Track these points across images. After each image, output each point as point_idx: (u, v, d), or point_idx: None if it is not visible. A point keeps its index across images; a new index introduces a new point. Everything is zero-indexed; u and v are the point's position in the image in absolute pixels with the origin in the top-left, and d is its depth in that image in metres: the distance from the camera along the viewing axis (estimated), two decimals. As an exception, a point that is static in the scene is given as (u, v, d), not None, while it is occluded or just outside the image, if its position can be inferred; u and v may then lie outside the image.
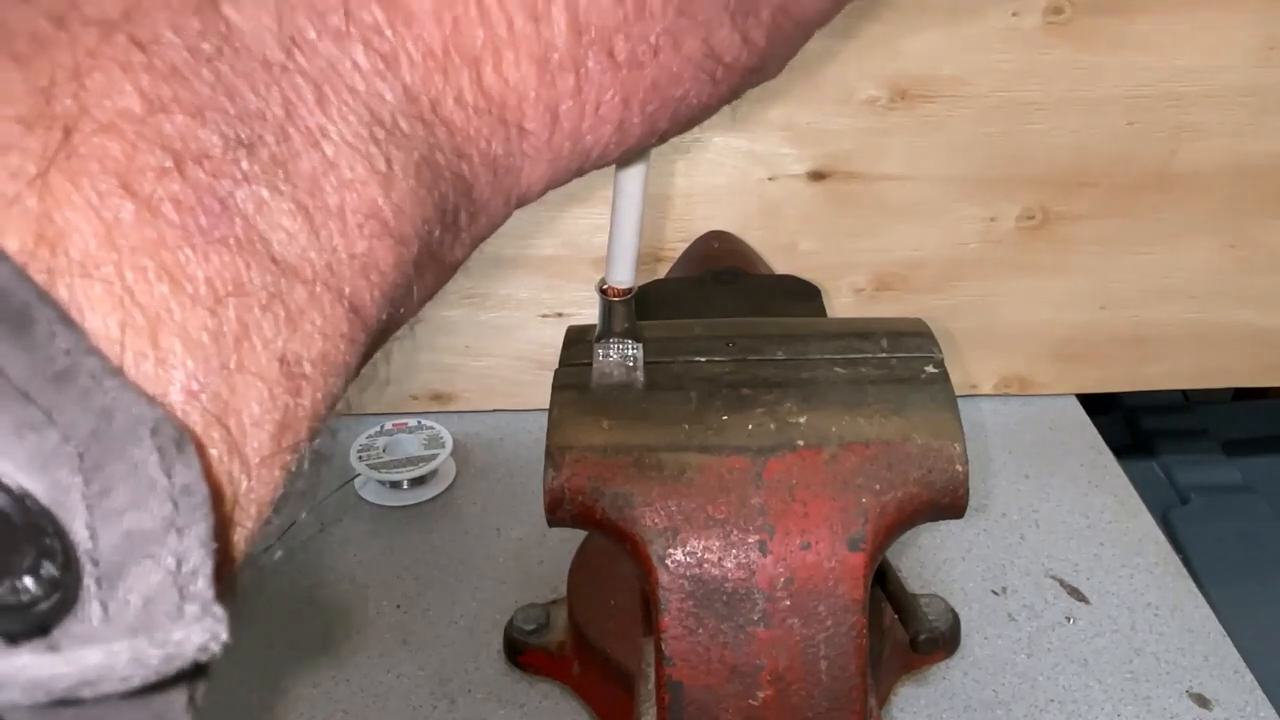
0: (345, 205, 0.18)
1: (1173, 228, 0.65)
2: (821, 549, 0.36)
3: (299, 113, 0.17)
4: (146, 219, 0.15)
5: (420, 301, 0.22)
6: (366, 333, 0.19)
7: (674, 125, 0.24)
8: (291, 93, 0.17)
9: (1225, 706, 0.50)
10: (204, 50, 0.16)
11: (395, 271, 0.19)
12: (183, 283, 0.16)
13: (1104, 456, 0.66)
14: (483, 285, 0.66)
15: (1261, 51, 0.60)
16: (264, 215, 0.17)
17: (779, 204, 0.64)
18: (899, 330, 0.42)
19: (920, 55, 0.60)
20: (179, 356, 0.16)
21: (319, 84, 0.17)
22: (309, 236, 0.17)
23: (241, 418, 0.17)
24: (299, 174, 0.17)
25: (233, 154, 0.16)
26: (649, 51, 0.21)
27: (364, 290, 0.18)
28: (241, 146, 0.16)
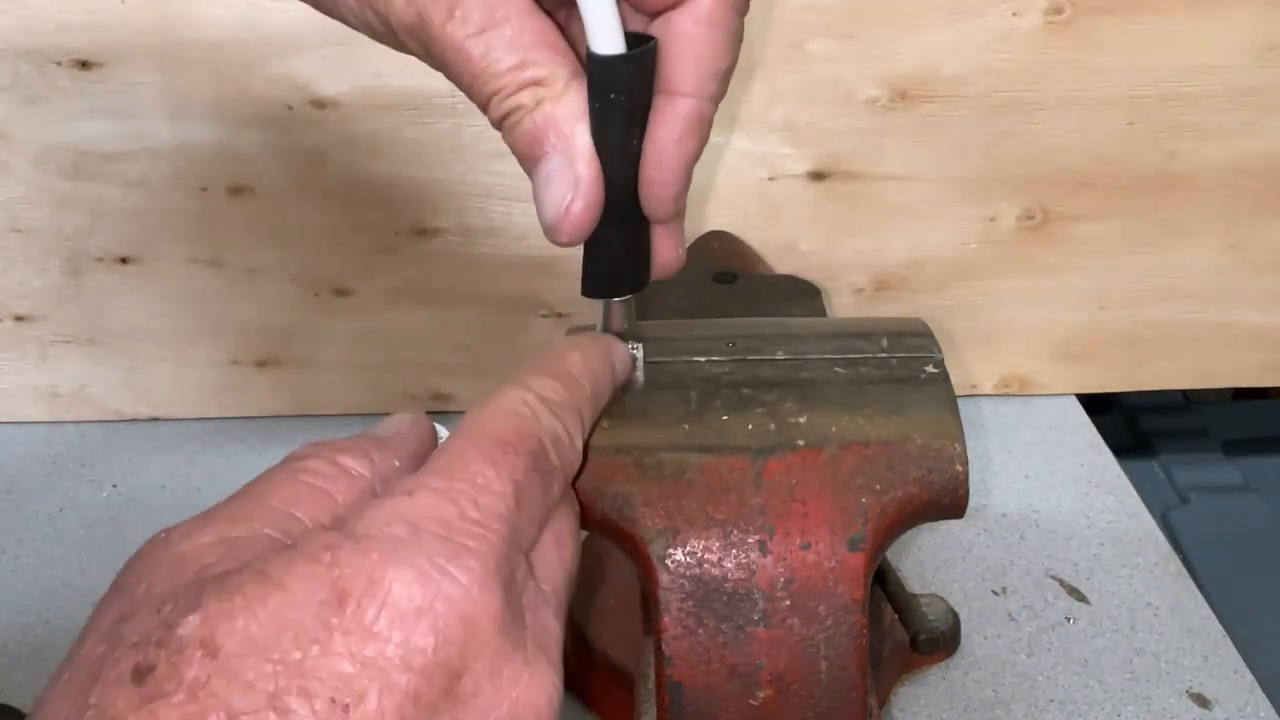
0: None
1: (1173, 228, 0.65)
2: (821, 549, 0.36)
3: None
4: None
5: None
6: None
7: None
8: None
9: (1225, 706, 0.50)
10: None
11: None
12: None
13: (1104, 456, 0.66)
14: (483, 285, 0.66)
15: (1261, 51, 0.60)
16: None
17: (779, 204, 0.64)
18: (899, 330, 0.42)
19: (920, 55, 0.60)
20: None
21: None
22: None
23: None
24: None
25: None
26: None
27: None
28: None
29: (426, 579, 0.24)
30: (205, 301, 0.66)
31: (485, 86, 0.29)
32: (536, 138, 0.30)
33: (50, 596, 0.57)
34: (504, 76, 0.29)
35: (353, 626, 0.23)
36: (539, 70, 0.29)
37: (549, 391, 0.31)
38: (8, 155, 0.62)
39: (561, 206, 0.30)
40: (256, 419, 0.70)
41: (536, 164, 0.30)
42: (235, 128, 0.61)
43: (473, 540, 0.25)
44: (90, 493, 0.64)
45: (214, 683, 0.21)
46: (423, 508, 0.25)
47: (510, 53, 0.29)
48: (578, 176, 0.30)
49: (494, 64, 0.29)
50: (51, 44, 0.59)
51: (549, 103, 0.29)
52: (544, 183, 0.30)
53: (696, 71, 0.30)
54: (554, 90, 0.29)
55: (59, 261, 0.65)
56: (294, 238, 0.64)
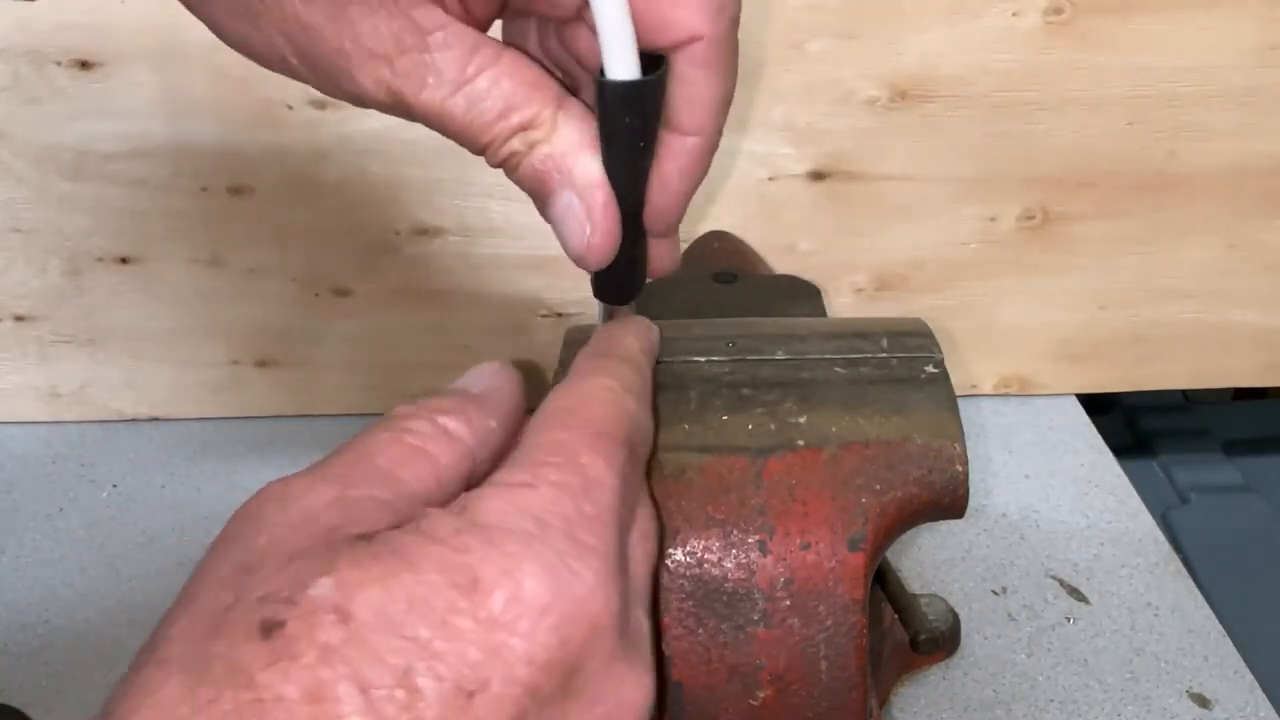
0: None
1: (1173, 228, 0.65)
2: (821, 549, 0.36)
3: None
4: None
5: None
6: None
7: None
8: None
9: (1225, 706, 0.50)
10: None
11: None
12: None
13: (1104, 456, 0.66)
14: (483, 285, 0.66)
15: (1261, 51, 0.60)
16: None
17: (779, 204, 0.64)
18: (899, 330, 0.42)
19: (920, 55, 0.60)
20: None
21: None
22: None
23: None
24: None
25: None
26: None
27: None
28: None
29: (555, 575, 0.24)
30: (205, 301, 0.66)
31: (477, 140, 0.29)
32: (540, 178, 0.30)
33: (50, 596, 0.57)
34: (492, 129, 0.29)
35: (482, 614, 0.23)
36: (524, 114, 0.29)
37: (628, 377, 0.31)
38: (8, 155, 0.62)
39: (584, 240, 0.31)
40: (256, 419, 0.70)
41: (548, 201, 0.31)
42: (235, 128, 0.61)
43: (593, 538, 0.26)
44: (90, 493, 0.64)
45: (347, 651, 0.22)
46: (546, 502, 0.26)
47: (490, 104, 0.29)
48: (589, 207, 0.30)
49: (478, 118, 0.29)
50: (51, 44, 0.59)
51: (542, 144, 0.30)
52: (560, 219, 0.31)
53: (699, 111, 0.31)
54: (544, 130, 0.30)
55: (59, 261, 0.65)
56: (294, 238, 0.64)
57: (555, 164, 0.30)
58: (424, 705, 0.22)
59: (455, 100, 0.29)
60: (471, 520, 0.25)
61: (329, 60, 0.28)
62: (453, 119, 0.29)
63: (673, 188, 0.32)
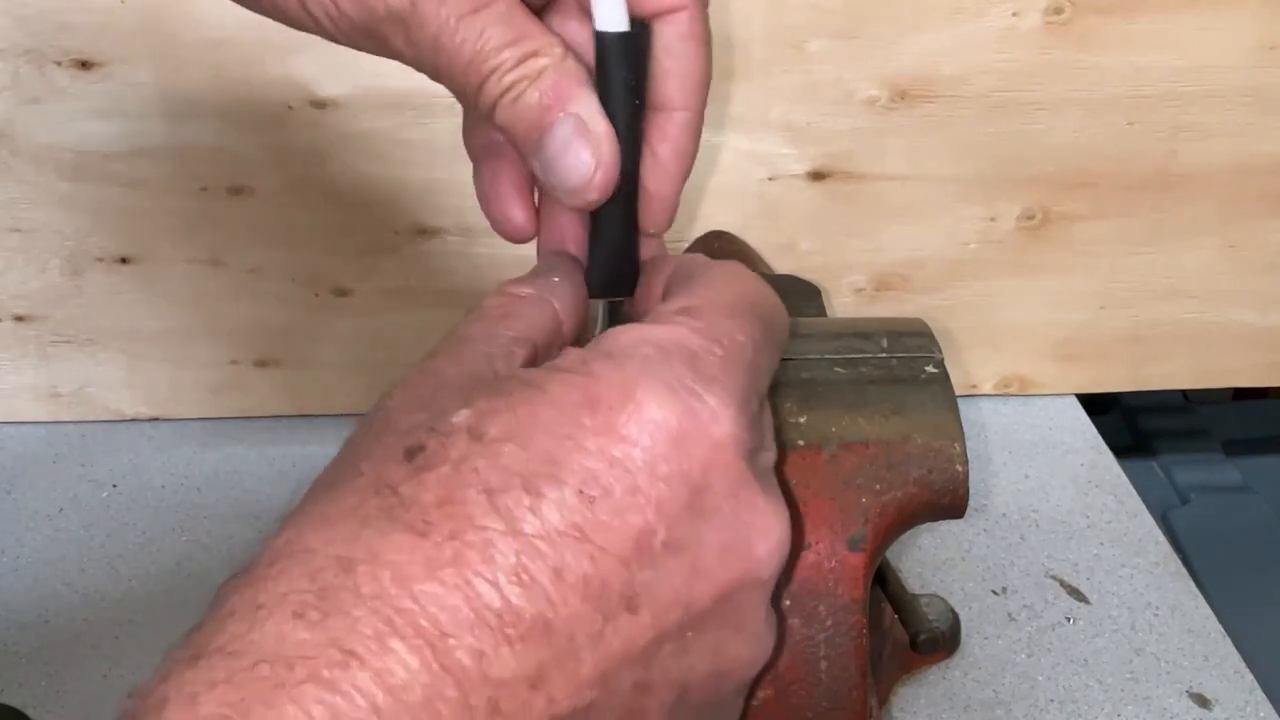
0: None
1: (1173, 228, 0.65)
2: (821, 549, 0.36)
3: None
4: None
5: None
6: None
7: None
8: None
9: (1225, 706, 0.50)
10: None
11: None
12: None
13: (1104, 456, 0.66)
14: (483, 285, 0.66)
15: (1261, 51, 0.60)
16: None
17: (779, 204, 0.64)
18: (899, 330, 0.42)
19: (920, 55, 0.60)
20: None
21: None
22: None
23: None
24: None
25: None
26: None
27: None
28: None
29: (675, 395, 0.25)
30: (205, 301, 0.66)
31: (480, 66, 0.29)
32: (545, 106, 0.30)
33: (50, 596, 0.57)
34: (501, 53, 0.29)
35: (603, 428, 0.24)
36: (536, 42, 0.29)
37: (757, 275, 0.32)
38: (8, 155, 0.62)
39: (588, 169, 0.30)
40: (256, 419, 0.70)
41: (546, 132, 0.30)
42: (235, 128, 0.61)
43: (719, 372, 0.26)
44: (90, 493, 0.64)
45: (476, 460, 0.24)
46: (672, 335, 0.26)
47: (506, 28, 0.29)
48: (598, 135, 0.30)
49: (489, 41, 0.29)
50: (51, 44, 0.59)
51: (552, 71, 0.30)
52: (562, 148, 0.30)
53: (685, 85, 0.31)
54: (554, 56, 0.30)
55: (59, 261, 0.65)
56: (294, 238, 0.64)
57: (563, 90, 0.30)
58: (546, 507, 0.23)
59: (472, 20, 0.29)
60: (599, 350, 0.26)
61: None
62: (465, 38, 0.29)
63: (669, 169, 0.32)
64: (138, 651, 0.53)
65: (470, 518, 0.23)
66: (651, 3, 0.30)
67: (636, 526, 0.24)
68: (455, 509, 0.23)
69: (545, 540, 0.23)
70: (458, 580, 0.22)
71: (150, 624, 0.55)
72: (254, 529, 0.61)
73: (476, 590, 0.22)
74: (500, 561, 0.23)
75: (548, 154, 0.30)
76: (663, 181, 0.32)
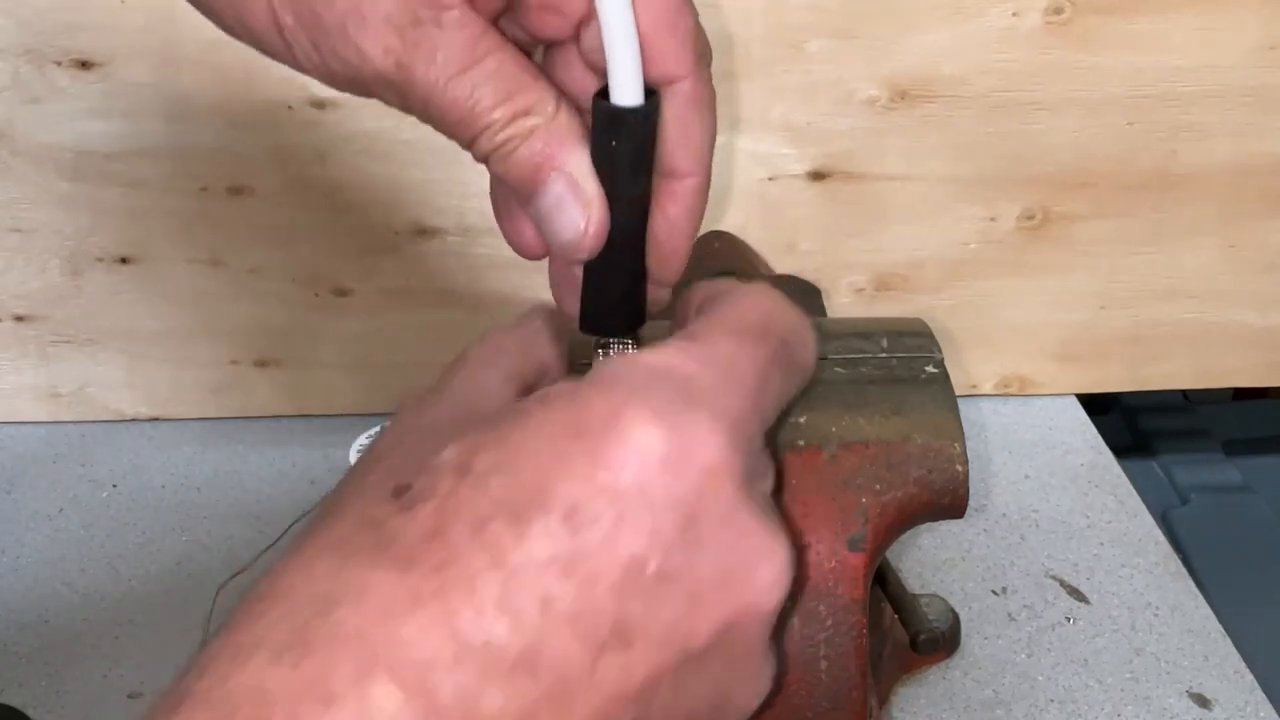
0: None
1: (1173, 228, 0.65)
2: (821, 549, 0.36)
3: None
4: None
5: None
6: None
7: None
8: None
9: (1225, 706, 0.50)
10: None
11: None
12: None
13: (1104, 456, 0.66)
14: (483, 285, 0.66)
15: (1261, 51, 0.60)
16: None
17: (779, 204, 0.64)
18: (899, 330, 0.42)
19: (920, 55, 0.60)
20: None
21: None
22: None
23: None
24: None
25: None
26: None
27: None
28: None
29: (663, 420, 0.24)
30: (205, 301, 0.66)
31: (473, 124, 0.29)
32: (536, 164, 0.30)
33: (50, 596, 0.57)
34: (493, 111, 0.29)
35: (589, 454, 0.23)
36: (527, 98, 0.29)
37: (785, 299, 0.31)
38: (8, 155, 0.62)
39: (581, 224, 0.30)
40: (256, 419, 0.70)
41: (539, 189, 0.30)
42: (235, 128, 0.61)
43: (711, 396, 0.25)
44: (90, 493, 0.64)
45: (463, 494, 0.23)
46: (664, 360, 0.26)
47: (496, 86, 0.29)
48: (588, 196, 0.30)
49: (480, 101, 0.29)
50: (51, 44, 0.59)
51: (543, 128, 0.29)
52: (555, 206, 0.30)
53: (690, 152, 0.31)
54: (545, 115, 0.29)
55: (59, 261, 0.65)
56: (294, 238, 0.64)
57: (554, 150, 0.30)
58: (531, 536, 0.23)
59: (461, 80, 0.28)
60: (590, 377, 0.26)
61: (336, 21, 0.28)
62: (455, 99, 0.29)
63: (679, 231, 0.32)
64: (138, 651, 0.53)
65: (456, 550, 0.22)
66: (658, 69, 0.30)
67: (626, 555, 0.23)
68: (440, 543, 0.22)
69: (531, 571, 0.22)
70: (442, 614, 0.22)
71: (150, 624, 0.55)
72: (254, 529, 0.61)
73: (461, 624, 0.22)
74: (485, 593, 0.22)
75: (540, 210, 0.31)
76: (673, 238, 0.32)
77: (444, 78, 0.28)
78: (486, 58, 0.29)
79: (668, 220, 0.32)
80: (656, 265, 0.33)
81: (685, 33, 0.29)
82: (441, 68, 0.28)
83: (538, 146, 0.30)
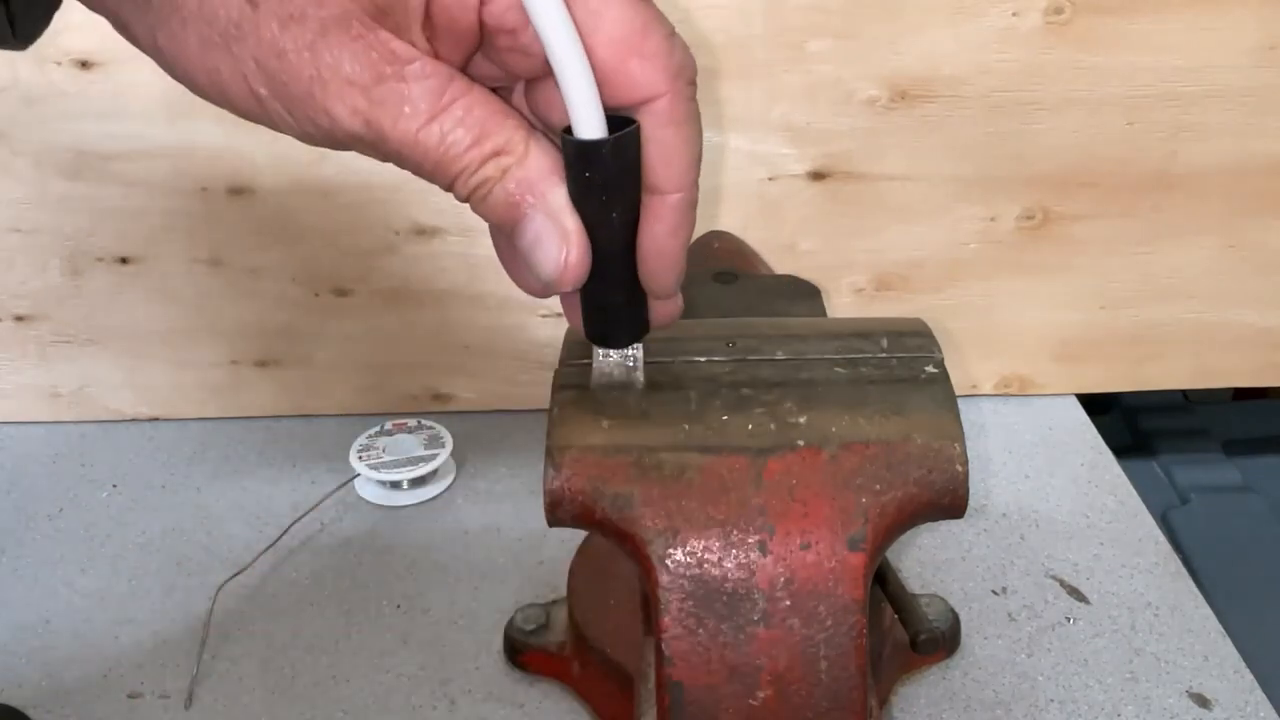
0: None
1: (1173, 228, 0.65)
2: (821, 549, 0.36)
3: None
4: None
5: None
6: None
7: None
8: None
9: (1225, 706, 0.50)
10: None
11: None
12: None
13: (1104, 456, 0.66)
14: (483, 285, 0.66)
15: (1261, 51, 0.60)
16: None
17: (779, 204, 0.64)
18: (899, 330, 0.42)
19: (920, 55, 0.60)
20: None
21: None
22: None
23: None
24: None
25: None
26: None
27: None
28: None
29: None
30: (205, 301, 0.66)
31: (449, 169, 0.30)
32: (512, 203, 0.30)
33: (50, 596, 0.57)
34: (464, 157, 0.29)
35: None
36: (497, 140, 0.30)
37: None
38: (8, 155, 0.62)
39: (560, 260, 0.31)
40: (256, 419, 0.70)
41: (518, 227, 0.31)
42: (235, 128, 0.61)
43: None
44: (90, 493, 0.64)
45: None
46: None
47: (465, 131, 0.29)
48: (565, 230, 0.31)
49: (452, 147, 0.29)
50: (51, 44, 0.59)
51: (516, 168, 0.30)
52: (534, 243, 0.31)
53: (674, 170, 0.31)
54: (516, 155, 0.30)
55: (59, 261, 0.65)
56: (294, 238, 0.64)
57: (528, 188, 0.30)
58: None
59: (430, 129, 0.29)
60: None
61: (303, 88, 0.29)
62: (427, 149, 0.29)
63: (666, 248, 0.33)
64: (137, 651, 0.53)
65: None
66: (627, 93, 0.30)
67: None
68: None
69: None
70: None
71: (150, 624, 0.55)
72: (254, 529, 0.61)
73: None
74: None
75: (522, 245, 0.31)
76: (662, 255, 0.33)
77: (413, 128, 0.29)
78: (453, 104, 0.29)
79: (654, 238, 0.32)
80: (649, 279, 0.33)
81: (654, 51, 0.30)
82: (409, 119, 0.29)
83: (511, 186, 0.30)
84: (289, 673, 0.52)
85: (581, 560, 0.53)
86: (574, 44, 0.29)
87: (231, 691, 0.51)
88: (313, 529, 0.60)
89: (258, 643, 0.54)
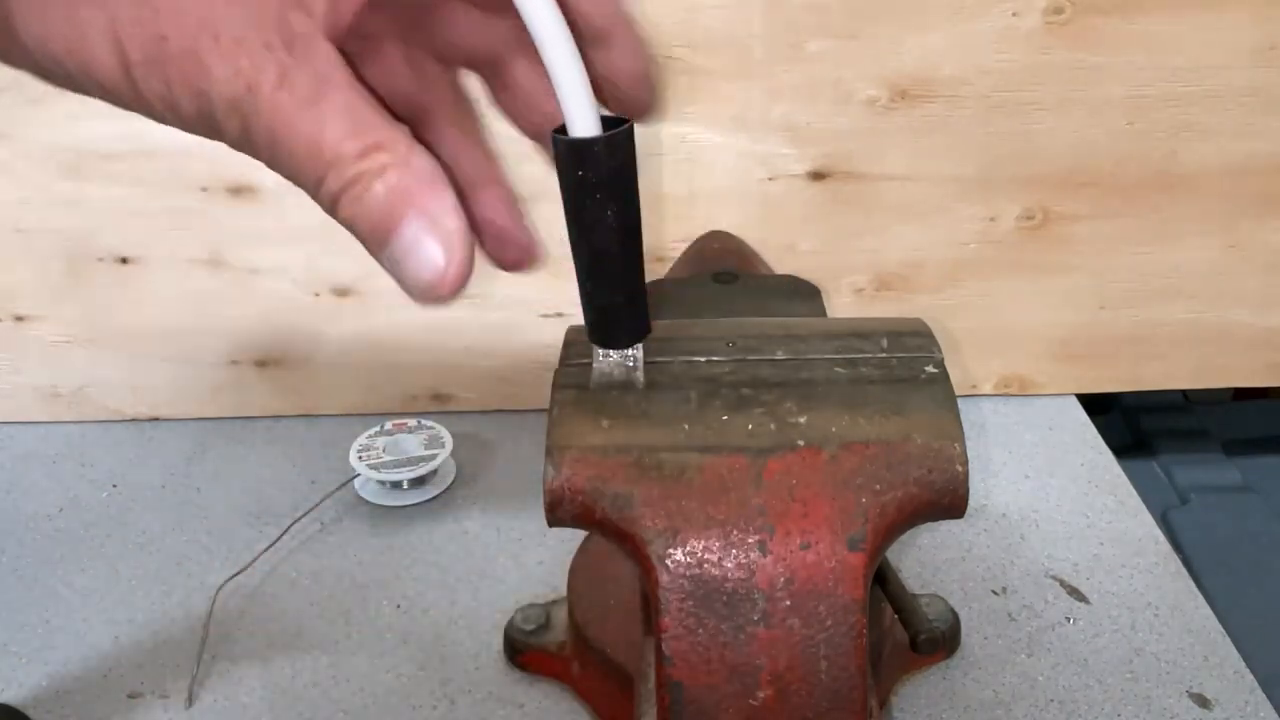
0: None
1: (1173, 228, 0.65)
2: (821, 549, 0.36)
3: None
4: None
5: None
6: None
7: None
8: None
9: (1225, 706, 0.50)
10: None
11: None
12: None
13: (1104, 456, 0.66)
14: (483, 285, 0.66)
15: (1261, 51, 0.60)
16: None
17: (779, 204, 0.64)
18: (899, 330, 0.42)
19: (920, 55, 0.60)
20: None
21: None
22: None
23: None
24: None
25: None
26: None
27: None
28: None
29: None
30: (205, 301, 0.66)
31: (322, 157, 0.27)
32: (391, 203, 0.27)
33: (50, 596, 0.57)
34: (343, 144, 0.27)
35: None
36: (379, 135, 0.27)
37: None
38: (8, 155, 0.62)
39: (438, 269, 0.28)
40: (256, 419, 0.70)
41: (393, 231, 0.28)
42: (235, 128, 0.61)
43: None
44: (90, 493, 0.64)
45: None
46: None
47: (346, 121, 0.27)
48: (447, 230, 0.28)
49: (329, 133, 0.27)
50: (51, 44, 0.59)
51: (394, 169, 0.27)
52: (409, 250, 0.28)
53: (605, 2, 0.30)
54: (397, 155, 0.27)
55: (59, 261, 0.65)
56: (294, 238, 0.64)
57: (406, 189, 0.27)
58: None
59: (309, 111, 0.27)
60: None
61: (187, 44, 0.27)
62: (302, 132, 0.27)
63: (637, 68, 0.31)
64: (137, 651, 0.53)
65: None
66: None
67: None
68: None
69: None
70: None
71: (150, 624, 0.55)
72: (254, 529, 0.61)
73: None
74: None
75: (395, 253, 0.28)
76: (635, 78, 0.31)
77: (293, 106, 0.27)
78: (334, 92, 0.27)
79: (622, 71, 0.30)
80: (633, 101, 0.31)
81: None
82: (290, 94, 0.27)
83: (392, 182, 0.27)
84: (289, 673, 0.52)
85: (581, 560, 0.53)
86: (565, 41, 0.28)
87: (231, 691, 0.51)
88: (313, 529, 0.60)
89: (258, 643, 0.54)
